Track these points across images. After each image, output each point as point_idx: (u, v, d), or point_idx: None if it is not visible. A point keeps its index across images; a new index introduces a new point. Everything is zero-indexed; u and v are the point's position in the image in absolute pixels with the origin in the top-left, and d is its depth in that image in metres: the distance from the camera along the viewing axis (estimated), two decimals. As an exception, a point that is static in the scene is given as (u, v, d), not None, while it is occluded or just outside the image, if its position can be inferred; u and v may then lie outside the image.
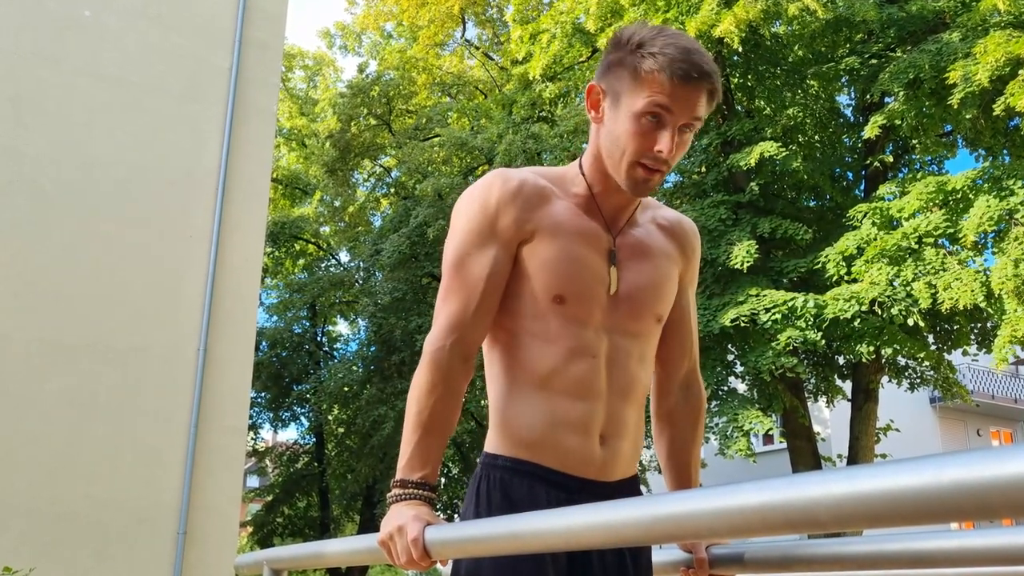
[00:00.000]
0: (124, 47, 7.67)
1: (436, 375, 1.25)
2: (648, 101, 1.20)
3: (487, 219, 1.29)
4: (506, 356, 1.32)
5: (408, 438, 1.25)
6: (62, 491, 6.50)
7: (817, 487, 0.57)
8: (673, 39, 1.22)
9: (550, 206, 1.31)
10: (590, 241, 1.32)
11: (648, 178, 1.25)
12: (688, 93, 1.20)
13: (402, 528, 1.13)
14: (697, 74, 1.19)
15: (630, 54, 1.23)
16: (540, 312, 1.29)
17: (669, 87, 1.19)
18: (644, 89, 1.21)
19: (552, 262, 1.28)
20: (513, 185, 1.30)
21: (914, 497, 0.51)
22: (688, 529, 0.70)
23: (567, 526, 0.83)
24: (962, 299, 8.14)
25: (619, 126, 1.24)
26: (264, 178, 8.22)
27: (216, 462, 7.13)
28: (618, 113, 1.25)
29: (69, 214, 7.08)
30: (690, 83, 1.19)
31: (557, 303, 1.28)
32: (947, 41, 8.96)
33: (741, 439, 9.12)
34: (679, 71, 1.19)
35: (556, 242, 1.29)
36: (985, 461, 0.48)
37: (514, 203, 1.29)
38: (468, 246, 1.30)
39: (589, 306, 1.30)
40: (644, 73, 1.21)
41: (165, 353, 7.15)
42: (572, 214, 1.32)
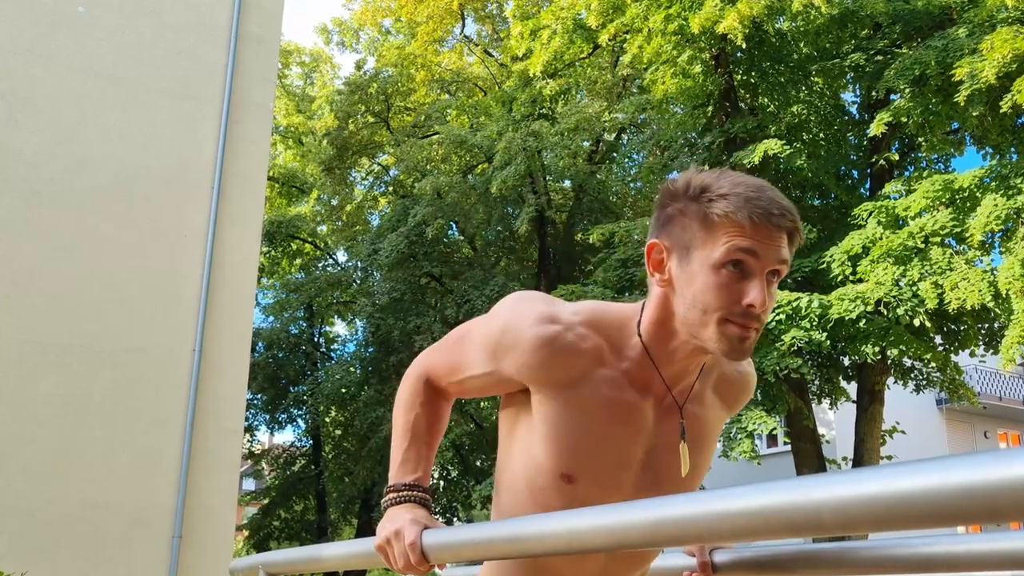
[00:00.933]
0: (118, 43, 7.67)
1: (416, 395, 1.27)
2: (728, 247, 1.04)
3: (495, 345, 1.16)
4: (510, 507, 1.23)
5: (397, 445, 1.26)
6: (56, 494, 6.50)
7: (821, 490, 0.57)
8: (741, 178, 1.08)
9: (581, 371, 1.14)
10: (623, 418, 1.15)
11: (744, 336, 1.06)
12: (771, 233, 1.05)
13: (399, 532, 1.13)
14: (777, 211, 1.05)
15: (694, 201, 1.08)
16: (546, 485, 1.17)
17: (749, 229, 1.04)
18: (720, 235, 1.05)
19: (564, 436, 1.14)
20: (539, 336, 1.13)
21: (920, 500, 0.50)
22: (691, 533, 0.70)
23: (568, 530, 0.83)
24: (969, 299, 8.14)
25: (696, 284, 1.07)
26: (260, 176, 8.22)
27: (212, 465, 7.13)
28: (692, 269, 1.07)
29: (62, 213, 7.08)
30: (771, 222, 1.04)
31: (565, 482, 1.15)
32: (953, 37, 8.96)
33: (745, 441, 9.12)
34: (758, 210, 1.04)
35: (574, 412, 1.14)
36: (993, 463, 0.48)
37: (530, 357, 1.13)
38: (475, 339, 1.21)
39: (607, 491, 1.15)
40: (718, 217, 1.05)
41: (160, 354, 7.15)
42: (609, 384, 1.15)
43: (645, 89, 12.26)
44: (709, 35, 9.83)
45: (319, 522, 17.88)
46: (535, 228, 14.90)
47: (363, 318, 16.42)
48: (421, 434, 1.26)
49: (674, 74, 10.46)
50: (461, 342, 1.24)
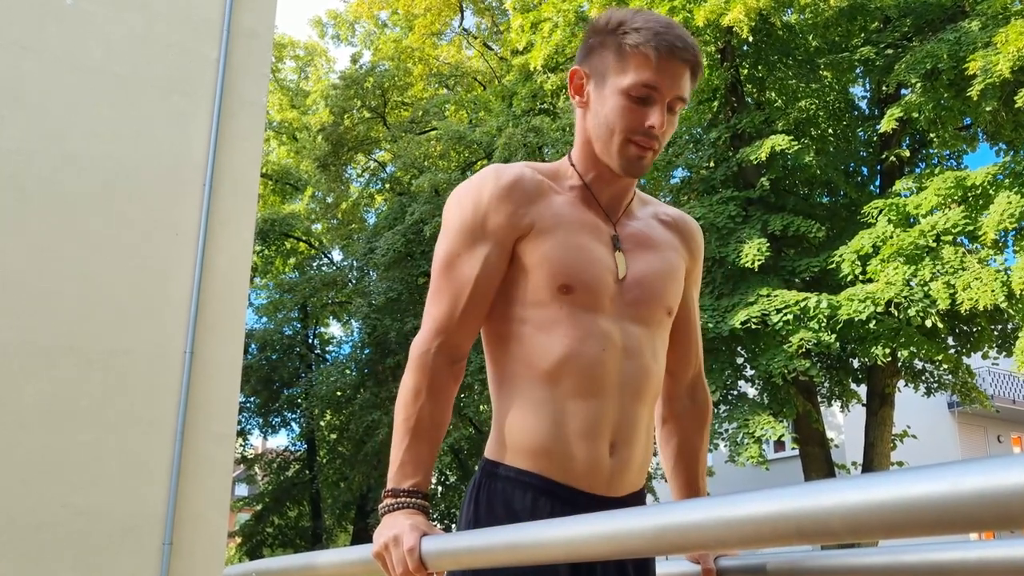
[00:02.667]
0: (107, 37, 7.67)
1: (422, 380, 1.26)
2: (635, 76, 1.23)
3: (478, 217, 1.29)
4: (508, 353, 1.31)
5: (397, 445, 1.25)
6: (41, 500, 6.50)
7: (831, 496, 0.57)
8: (653, 16, 1.26)
9: (547, 199, 1.31)
10: (592, 231, 1.32)
11: (641, 155, 1.27)
12: (674, 68, 1.24)
13: (397, 538, 1.13)
14: (681, 45, 1.24)
15: (611, 34, 1.27)
16: (544, 302, 1.28)
17: (655, 61, 1.23)
18: (630, 64, 1.24)
19: (556, 252, 1.28)
20: (507, 180, 1.30)
21: (932, 506, 0.51)
22: (695, 540, 0.70)
23: (569, 537, 0.83)
24: (982, 300, 8.14)
25: (606, 105, 1.27)
26: (253, 173, 8.22)
27: (203, 470, 7.13)
28: (604, 92, 1.27)
29: (49, 211, 7.08)
30: (675, 56, 1.23)
31: (564, 293, 1.27)
32: (966, 30, 8.96)
33: (752, 446, 9.12)
34: (664, 44, 1.23)
35: (558, 233, 1.29)
36: (1007, 469, 0.48)
37: (509, 199, 1.29)
38: (458, 246, 1.30)
39: (598, 294, 1.29)
40: (629, 48, 1.24)
41: (149, 356, 7.15)
42: (570, 206, 1.32)
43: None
44: (715, 28, 9.84)
45: (314, 528, 17.88)
46: (536, 226, 14.88)
47: (359, 319, 16.42)
48: (424, 431, 1.25)
49: (679, 68, 10.44)
50: (449, 266, 1.30)
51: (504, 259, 1.30)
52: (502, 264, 1.30)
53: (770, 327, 9.09)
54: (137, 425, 6.96)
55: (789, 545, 0.63)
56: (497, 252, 1.29)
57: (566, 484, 1.25)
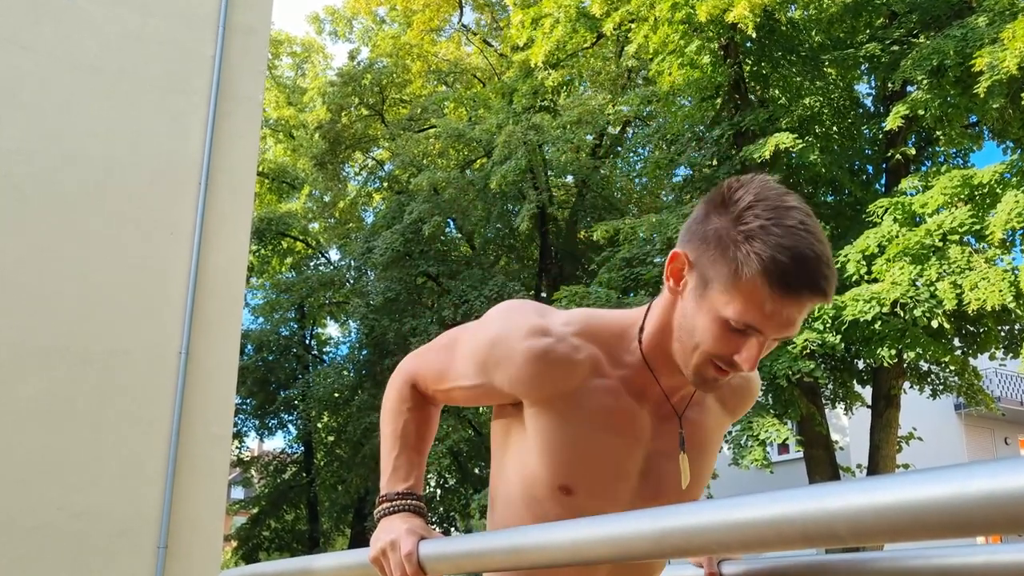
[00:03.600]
0: (102, 34, 7.67)
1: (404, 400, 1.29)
2: (739, 315, 1.05)
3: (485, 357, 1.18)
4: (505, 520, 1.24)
5: (387, 455, 1.26)
6: (35, 502, 6.50)
7: (835, 499, 0.57)
8: (793, 238, 1.02)
9: (574, 383, 1.16)
10: (620, 427, 1.17)
11: (718, 378, 1.12)
12: (790, 311, 1.05)
13: (395, 543, 1.13)
14: (810, 291, 1.03)
15: (734, 241, 1.04)
16: (543, 497, 1.18)
17: (770, 306, 1.03)
18: (739, 296, 1.04)
19: (559, 447, 1.16)
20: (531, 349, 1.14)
21: (938, 509, 0.50)
22: (698, 543, 0.70)
23: (571, 540, 0.83)
24: (989, 300, 8.14)
25: (700, 319, 1.09)
26: (249, 172, 8.22)
27: (199, 472, 7.13)
28: (702, 304, 1.09)
29: (43, 210, 7.08)
30: (798, 301, 1.04)
31: (564, 494, 1.17)
32: (973, 26, 8.95)
33: (756, 448, 9.12)
34: (788, 288, 1.02)
35: (569, 423, 1.16)
36: (1014, 471, 0.48)
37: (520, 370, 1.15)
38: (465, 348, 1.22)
39: (605, 503, 1.17)
40: (745, 278, 1.03)
41: (145, 356, 7.15)
42: (605, 393, 1.17)
43: (651, 80, 12.25)
44: (718, 24, 9.83)
45: (311, 532, 17.89)
46: (536, 225, 14.90)
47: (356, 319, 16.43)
48: (411, 441, 1.27)
49: (681, 65, 10.45)
50: (450, 349, 1.25)
51: (496, 399, 1.23)
52: (492, 399, 1.23)
53: (774, 328, 9.08)
54: (132, 426, 6.96)
55: (793, 549, 0.63)
56: (490, 392, 1.21)
57: None
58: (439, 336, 1.30)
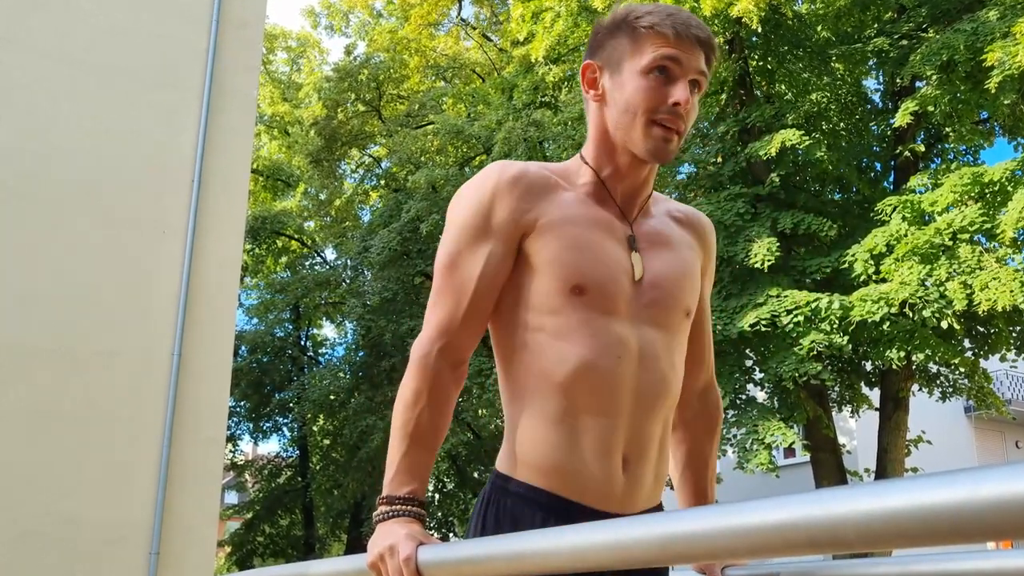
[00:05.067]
0: (93, 28, 7.67)
1: (423, 383, 1.26)
2: (655, 54, 1.26)
3: (482, 213, 1.29)
4: (521, 362, 1.30)
5: (394, 451, 1.26)
6: (24, 508, 6.50)
7: (843, 503, 0.57)
8: (660, 5, 1.31)
9: (555, 195, 1.31)
10: (606, 228, 1.32)
11: (667, 137, 1.27)
12: (691, 44, 1.27)
13: (393, 548, 1.13)
14: (695, 24, 1.27)
15: (622, 23, 1.30)
16: (557, 307, 1.27)
17: (673, 39, 1.26)
18: (647, 45, 1.27)
19: (567, 251, 1.27)
20: (511, 174, 1.30)
21: (948, 514, 0.51)
22: (703, 549, 0.70)
23: (574, 545, 0.83)
24: (1000, 300, 8.14)
25: (626, 90, 1.28)
26: (243, 169, 8.22)
27: (192, 476, 7.14)
28: (622, 79, 1.29)
29: (31, 208, 7.08)
30: (691, 32, 1.26)
31: (576, 294, 1.26)
32: (984, 20, 8.95)
33: (762, 452, 9.12)
34: (678, 21, 1.26)
35: (567, 230, 1.28)
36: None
37: (512, 193, 1.29)
38: (460, 243, 1.30)
39: (614, 296, 1.28)
40: (643, 30, 1.27)
41: (136, 359, 7.15)
42: (581, 203, 1.32)
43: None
44: (723, 18, 9.83)
45: (306, 538, 17.88)
46: (537, 224, 14.88)
47: (353, 320, 16.42)
48: (422, 436, 1.26)
49: (685, 60, 10.44)
50: (449, 268, 1.31)
51: (509, 257, 1.29)
52: (507, 262, 1.29)
53: (780, 329, 9.10)
54: (123, 430, 6.96)
55: (800, 555, 0.63)
56: (501, 249, 1.28)
57: (578, 502, 1.25)
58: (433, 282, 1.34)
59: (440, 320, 1.29)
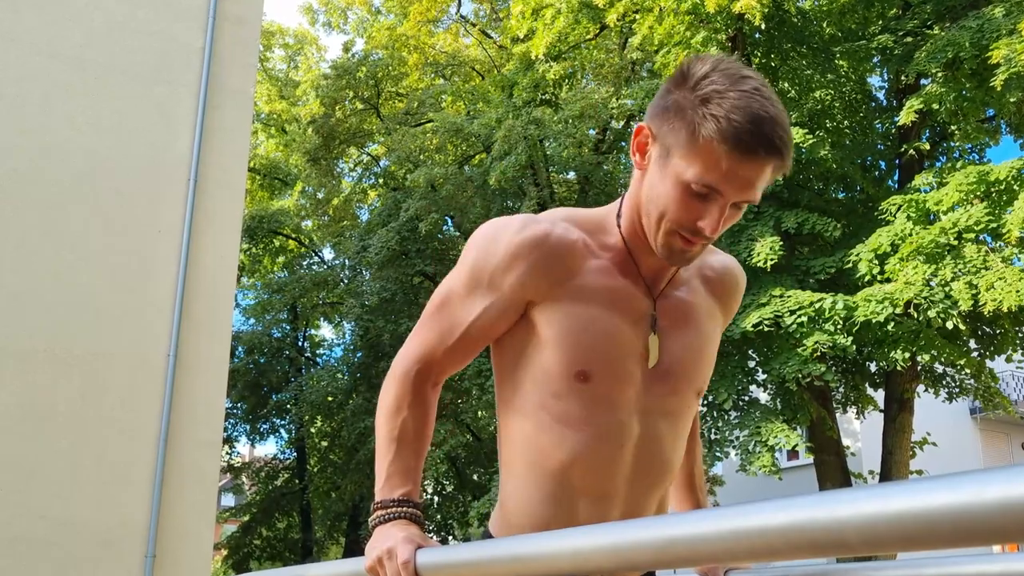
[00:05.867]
0: (87, 24, 7.67)
1: (403, 396, 1.28)
2: (699, 176, 1.12)
3: (490, 268, 1.24)
4: (522, 432, 1.29)
5: (383, 458, 1.27)
6: (16, 512, 6.50)
7: (846, 506, 0.57)
8: (747, 100, 1.10)
9: (576, 264, 1.24)
10: (623, 307, 1.25)
11: (686, 249, 1.19)
12: (748, 171, 1.12)
13: (391, 551, 1.13)
14: (765, 151, 1.11)
15: (692, 107, 1.13)
16: (561, 391, 1.24)
17: (726, 164, 1.11)
18: (698, 158, 1.12)
19: (574, 332, 1.22)
20: (531, 237, 1.23)
21: (953, 517, 0.51)
22: (705, 552, 0.70)
23: (573, 549, 0.83)
24: (1006, 300, 8.13)
25: (663, 187, 1.17)
26: (240, 168, 8.22)
27: (187, 479, 7.13)
28: (665, 172, 1.17)
29: (24, 207, 7.08)
30: (755, 159, 1.11)
31: (581, 381, 1.23)
32: (989, 17, 8.96)
33: (765, 454, 9.12)
34: (743, 146, 1.10)
35: (579, 308, 1.23)
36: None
37: (528, 257, 1.22)
38: (460, 286, 1.28)
39: (621, 384, 1.24)
40: (702, 140, 1.11)
41: (131, 359, 7.15)
42: (602, 274, 1.25)
43: (656, 73, 12.25)
44: (725, 15, 9.83)
45: (304, 541, 17.88)
46: (537, 223, 14.88)
47: (351, 320, 16.43)
48: (408, 441, 1.27)
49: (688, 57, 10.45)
50: (446, 303, 1.29)
51: (508, 316, 1.27)
52: (505, 319, 1.27)
53: (783, 329, 9.10)
54: (118, 432, 6.96)
55: (803, 558, 0.63)
56: (500, 307, 1.26)
57: None
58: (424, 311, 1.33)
59: (422, 349, 1.30)
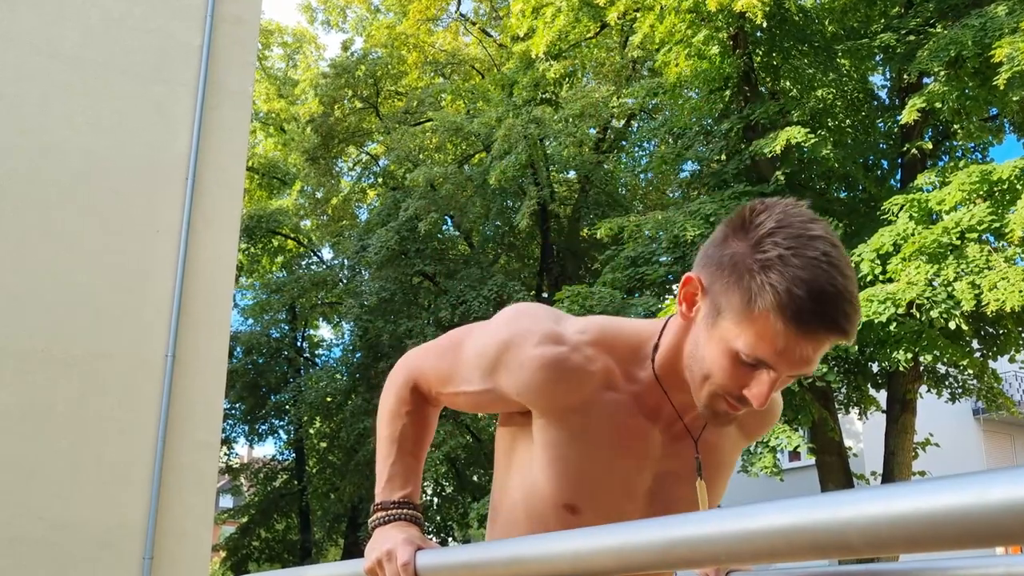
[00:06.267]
0: (84, 22, 7.67)
1: (403, 402, 1.28)
2: (750, 349, 1.03)
3: (493, 366, 1.18)
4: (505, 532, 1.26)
5: (383, 460, 1.26)
6: (14, 513, 6.50)
7: (848, 507, 0.57)
8: (813, 271, 0.99)
9: (586, 396, 1.16)
10: (631, 447, 1.18)
11: (731, 413, 1.10)
12: (805, 350, 1.01)
13: (391, 553, 1.13)
14: (827, 330, 1.00)
15: (749, 271, 1.02)
16: (547, 514, 1.19)
17: (783, 342, 1.00)
18: (751, 329, 1.02)
19: (571, 463, 1.16)
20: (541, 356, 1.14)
21: (956, 519, 0.51)
22: (706, 554, 0.70)
23: (573, 551, 0.83)
24: (1009, 300, 8.13)
25: (710, 349, 1.08)
26: (239, 167, 8.22)
27: (186, 480, 7.13)
28: (713, 332, 1.07)
29: (22, 206, 7.08)
30: (814, 339, 1.01)
31: (569, 512, 1.17)
32: (992, 15, 8.95)
33: (766, 455, 9.13)
34: (803, 326, 0.99)
35: (579, 440, 1.16)
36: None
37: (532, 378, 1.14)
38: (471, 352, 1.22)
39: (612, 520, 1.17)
40: (758, 311, 1.00)
41: (129, 360, 7.15)
42: (617, 409, 1.17)
43: (657, 72, 12.25)
44: (727, 13, 9.83)
45: (302, 542, 17.88)
46: (537, 223, 14.90)
47: (350, 320, 16.43)
48: (408, 445, 1.27)
49: (688, 55, 10.46)
50: (456, 351, 1.24)
51: (503, 406, 1.23)
52: (499, 406, 1.24)
53: (785, 329, 9.09)
54: (116, 432, 6.95)
55: (805, 560, 0.63)
56: (495, 397, 1.21)
57: None
58: (443, 336, 1.30)
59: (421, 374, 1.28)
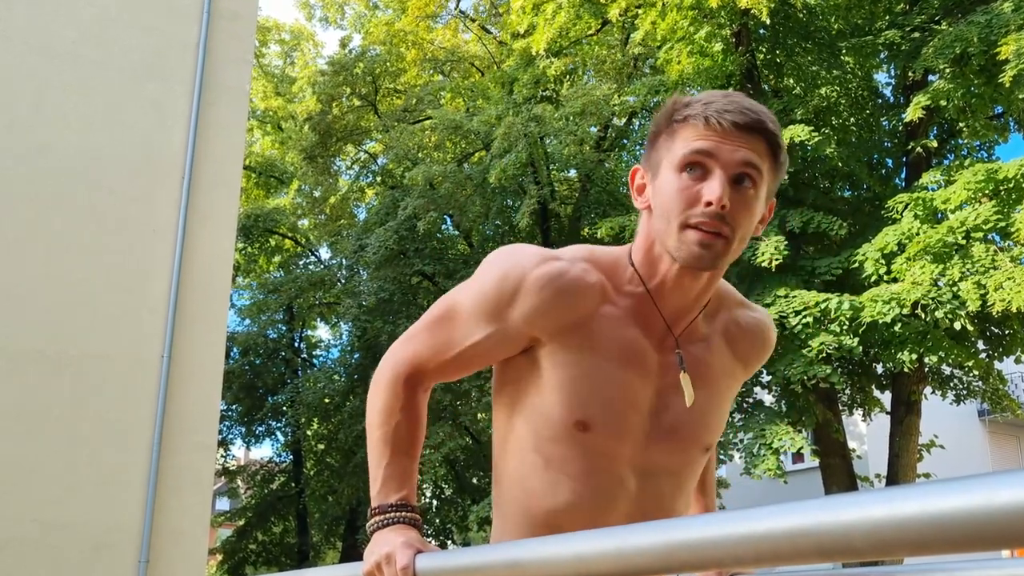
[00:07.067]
0: (79, 19, 7.67)
1: (394, 399, 1.27)
2: (684, 150, 1.14)
3: (496, 297, 1.21)
4: (515, 470, 1.29)
5: (377, 463, 1.26)
6: (9, 515, 6.50)
7: (853, 510, 0.57)
8: (718, 92, 1.16)
9: (588, 308, 1.21)
10: (632, 359, 1.22)
11: (704, 241, 1.12)
12: (734, 138, 1.12)
13: (390, 556, 1.13)
14: (742, 112, 1.12)
15: (663, 119, 1.20)
16: (558, 436, 1.23)
17: (704, 130, 1.13)
18: (680, 140, 1.15)
19: (578, 380, 1.20)
20: (545, 274, 1.19)
21: (962, 521, 0.51)
22: (708, 557, 0.70)
23: (575, 554, 0.83)
24: (1015, 301, 8.13)
25: (662, 193, 1.16)
26: (235, 165, 8.22)
27: (182, 482, 7.13)
28: (659, 180, 1.18)
29: (16, 205, 7.08)
30: (732, 119, 1.12)
31: (580, 430, 1.21)
32: (998, 12, 8.95)
33: (769, 457, 9.12)
34: (714, 109, 1.13)
35: (586, 355, 1.20)
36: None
37: (538, 295, 1.19)
38: (465, 306, 1.25)
39: (620, 438, 1.22)
40: (677, 124, 1.16)
41: (125, 361, 7.15)
42: (615, 322, 1.22)
43: (659, 69, 12.25)
44: (730, 10, 9.83)
45: (300, 545, 17.88)
46: (537, 222, 14.90)
47: (348, 321, 16.42)
48: (403, 445, 1.26)
49: (691, 53, 10.45)
50: (449, 315, 1.26)
51: (509, 347, 1.25)
52: (505, 350, 1.26)
53: (788, 330, 9.09)
54: (111, 434, 6.96)
55: (808, 563, 0.63)
56: (502, 338, 1.23)
57: None
58: (422, 317, 1.31)
59: (414, 356, 1.29)
